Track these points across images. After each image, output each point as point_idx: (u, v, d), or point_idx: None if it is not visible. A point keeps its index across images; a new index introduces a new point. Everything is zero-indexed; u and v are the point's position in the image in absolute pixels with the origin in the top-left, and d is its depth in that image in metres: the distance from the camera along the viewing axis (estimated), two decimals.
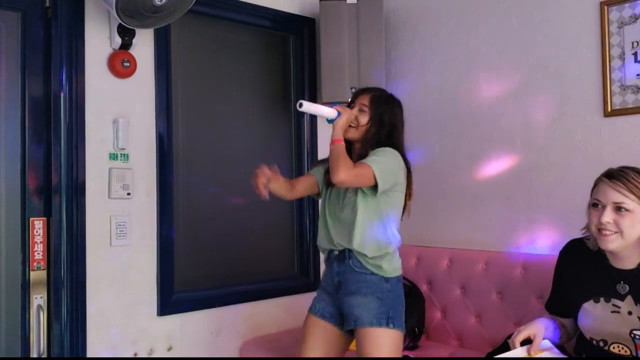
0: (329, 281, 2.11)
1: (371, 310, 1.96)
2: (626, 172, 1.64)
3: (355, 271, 2.01)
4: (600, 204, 1.65)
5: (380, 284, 2.00)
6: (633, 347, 1.64)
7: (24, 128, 2.22)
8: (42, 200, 2.23)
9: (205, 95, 2.75)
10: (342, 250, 2.05)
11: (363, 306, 1.97)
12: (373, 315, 1.95)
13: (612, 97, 2.31)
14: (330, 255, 2.11)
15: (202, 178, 2.70)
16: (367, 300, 1.98)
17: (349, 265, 2.02)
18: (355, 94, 2.17)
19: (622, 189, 1.61)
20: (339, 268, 2.06)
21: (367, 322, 1.95)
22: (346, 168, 1.93)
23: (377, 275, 2.00)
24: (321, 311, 2.11)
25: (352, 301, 2.00)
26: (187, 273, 2.61)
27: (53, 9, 2.25)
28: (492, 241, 2.62)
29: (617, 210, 1.61)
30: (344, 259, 2.04)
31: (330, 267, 2.11)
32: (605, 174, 1.67)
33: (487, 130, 2.68)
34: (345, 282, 2.03)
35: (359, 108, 2.09)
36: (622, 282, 1.67)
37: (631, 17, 2.27)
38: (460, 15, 2.80)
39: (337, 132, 2.04)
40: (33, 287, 2.20)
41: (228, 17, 2.80)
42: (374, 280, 2.00)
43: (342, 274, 2.05)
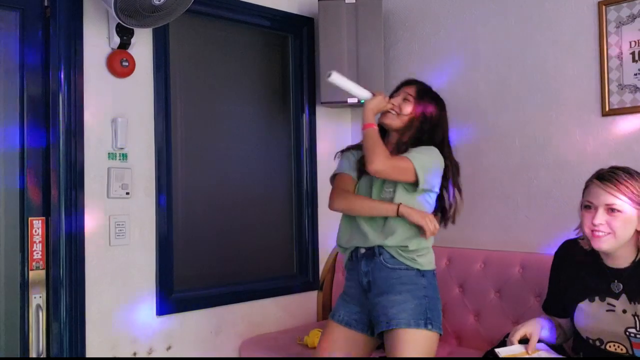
0: (354, 284, 1.97)
1: (407, 310, 1.82)
2: (617, 173, 1.65)
3: (386, 268, 1.88)
4: (592, 205, 1.66)
5: (416, 279, 1.88)
6: (629, 345, 1.65)
7: (22, 127, 2.22)
8: (41, 200, 2.23)
9: (204, 95, 2.75)
10: (371, 247, 1.91)
11: (398, 306, 1.83)
12: (410, 316, 1.81)
13: (610, 96, 2.31)
14: (356, 254, 1.96)
15: (200, 177, 2.70)
16: (402, 299, 1.83)
17: (380, 262, 1.89)
18: (401, 85, 2.09)
19: (613, 191, 1.62)
20: (367, 267, 1.91)
21: (403, 323, 1.81)
22: (384, 157, 1.82)
23: (413, 270, 1.88)
24: (346, 318, 1.97)
25: (385, 301, 1.85)
26: (186, 272, 2.61)
27: (52, 8, 2.25)
28: (491, 240, 2.63)
29: (609, 211, 1.63)
30: (374, 255, 1.90)
31: (355, 267, 1.96)
32: (596, 175, 1.68)
33: (485, 130, 2.69)
34: (376, 280, 1.89)
35: (403, 97, 2.01)
36: (616, 281, 1.68)
37: (629, 17, 2.28)
38: (459, 15, 2.81)
39: (368, 114, 1.93)
40: (32, 287, 2.19)
41: (227, 16, 2.80)
42: (409, 276, 1.87)
43: (371, 273, 1.90)
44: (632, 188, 1.62)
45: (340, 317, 1.98)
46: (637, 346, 1.64)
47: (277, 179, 3.01)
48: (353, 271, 1.98)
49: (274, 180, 3.00)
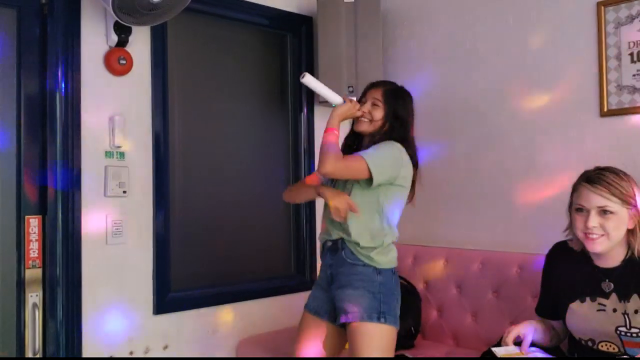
0: (322, 275, 2.08)
1: (361, 304, 1.90)
2: (605, 174, 1.66)
3: (347, 263, 1.97)
4: (584, 208, 1.67)
5: (372, 276, 1.95)
6: (620, 344, 1.66)
7: (19, 125, 2.21)
8: (38, 198, 2.22)
9: (202, 94, 2.74)
10: (335, 240, 2.01)
11: (353, 300, 1.92)
12: (363, 310, 1.90)
13: (609, 97, 2.31)
14: (325, 246, 2.07)
15: (198, 176, 2.70)
16: (357, 294, 1.92)
17: (342, 256, 1.98)
18: (367, 88, 2.13)
19: (604, 193, 1.63)
20: (331, 260, 2.02)
21: (357, 316, 1.90)
22: (334, 159, 1.89)
23: (369, 267, 1.95)
24: (315, 308, 2.07)
25: (343, 294, 1.95)
26: (183, 272, 2.60)
27: (49, 6, 2.24)
28: (488, 240, 2.63)
29: (602, 213, 1.64)
30: (337, 249, 2.00)
31: (323, 259, 2.08)
32: (585, 178, 1.69)
33: (483, 130, 2.68)
34: (337, 274, 1.99)
35: (372, 102, 2.05)
36: (607, 280, 1.69)
37: (628, 18, 2.28)
38: (457, 14, 2.80)
39: (333, 119, 2.00)
40: (28, 286, 2.18)
41: (225, 15, 2.79)
42: (365, 272, 1.94)
43: (334, 267, 2.01)
44: (621, 188, 1.63)
45: (310, 306, 2.09)
46: (628, 344, 1.65)
47: (275, 178, 3.01)
48: (323, 261, 2.10)
49: (271, 179, 2.99)
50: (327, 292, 2.05)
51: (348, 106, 2.03)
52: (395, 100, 2.06)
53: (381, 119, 2.04)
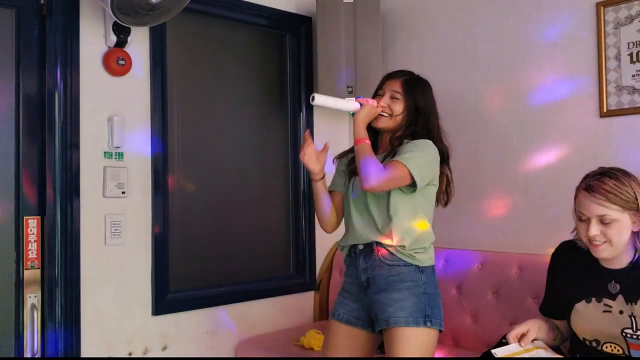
0: (352, 281, 1.95)
1: (406, 308, 1.80)
2: (604, 181, 1.62)
3: (385, 264, 1.85)
4: (584, 216, 1.66)
5: (415, 276, 1.85)
6: (625, 346, 1.65)
7: (18, 126, 2.20)
8: (36, 199, 2.21)
9: (201, 94, 2.73)
10: (368, 243, 1.89)
11: (396, 304, 1.81)
12: (408, 314, 1.79)
13: (608, 97, 2.31)
14: (353, 251, 1.94)
15: (197, 176, 2.69)
16: (401, 297, 1.81)
17: (378, 258, 1.86)
18: (383, 80, 2.03)
19: (603, 201, 1.60)
20: (365, 264, 1.89)
21: (402, 321, 1.78)
22: (376, 174, 1.77)
23: (411, 266, 1.85)
24: (346, 316, 1.95)
25: (384, 299, 1.83)
26: (182, 272, 2.60)
27: (48, 7, 2.24)
28: (488, 241, 2.62)
29: (602, 221, 1.62)
30: (372, 252, 1.88)
31: (354, 264, 1.94)
32: (585, 185, 1.66)
33: (483, 130, 2.68)
34: (375, 278, 1.87)
35: (390, 95, 1.95)
36: (613, 281, 1.68)
37: (627, 18, 2.28)
38: (457, 14, 2.80)
39: (359, 128, 1.88)
40: (27, 286, 2.18)
41: (224, 15, 2.79)
42: (407, 272, 1.84)
43: (370, 270, 1.88)
44: (621, 194, 1.60)
45: (341, 315, 1.97)
46: (633, 347, 1.64)
47: (274, 179, 3.00)
48: (352, 267, 1.96)
49: (270, 179, 2.99)
50: (360, 299, 1.93)
51: (367, 109, 1.91)
52: (415, 91, 1.95)
53: (402, 113, 1.93)
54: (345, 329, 1.95)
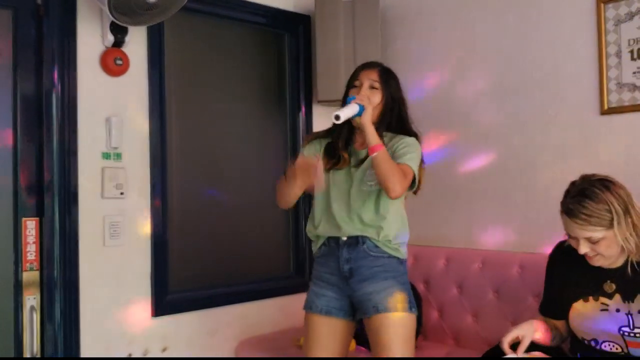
0: (333, 271, 1.95)
1: (392, 295, 1.87)
2: (582, 204, 1.59)
3: (370, 256, 1.90)
4: (572, 236, 1.66)
5: (398, 267, 1.92)
6: (623, 344, 1.65)
7: (15, 127, 2.20)
8: (35, 201, 2.20)
9: (199, 94, 2.72)
10: (355, 236, 1.92)
11: (383, 292, 1.87)
12: (397, 300, 1.87)
13: (609, 95, 2.30)
14: (334, 242, 1.95)
15: (196, 177, 2.68)
16: (387, 285, 1.88)
17: (363, 250, 1.91)
18: (358, 70, 2.01)
19: (584, 225, 1.60)
20: (349, 254, 1.92)
21: (390, 307, 1.86)
22: (400, 180, 1.79)
23: (394, 258, 1.92)
24: (326, 307, 1.96)
25: (370, 287, 1.88)
26: (182, 273, 2.59)
27: (45, 7, 2.23)
28: (489, 240, 2.62)
29: (590, 241, 1.62)
30: (357, 244, 1.91)
31: (335, 254, 1.95)
32: (565, 209, 1.64)
33: (483, 128, 2.67)
34: (359, 268, 1.90)
35: (369, 85, 1.93)
36: (609, 281, 1.68)
37: (627, 15, 2.26)
38: (456, 12, 2.79)
39: (372, 134, 1.82)
40: (26, 288, 2.18)
41: (222, 14, 2.78)
42: (391, 264, 1.91)
43: (353, 261, 1.91)
44: (601, 216, 1.58)
45: (319, 307, 1.97)
46: (631, 345, 1.64)
47: (273, 178, 2.95)
48: (331, 257, 1.96)
49: (270, 179, 2.96)
50: (340, 288, 1.95)
51: (369, 110, 1.85)
52: (390, 81, 1.96)
53: (379, 103, 1.93)
54: (325, 320, 1.96)
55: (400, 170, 1.82)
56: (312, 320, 1.99)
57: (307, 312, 2.01)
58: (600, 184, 1.62)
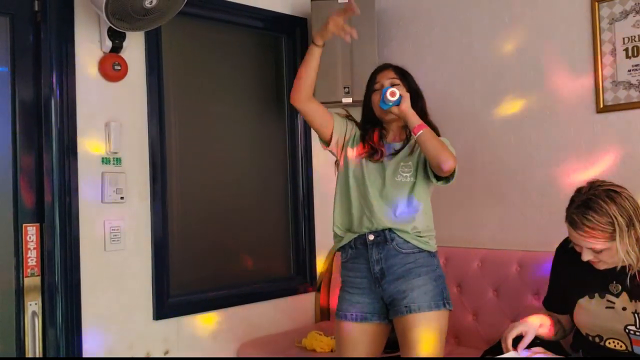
0: (362, 275, 1.92)
1: (428, 292, 1.84)
2: (586, 216, 1.59)
3: (401, 253, 1.87)
4: (575, 244, 1.67)
5: (430, 261, 1.90)
6: (628, 342, 1.66)
7: (14, 133, 2.20)
8: (35, 206, 2.21)
9: (198, 97, 2.73)
10: (381, 231, 1.88)
11: (418, 289, 1.84)
12: (430, 298, 1.84)
13: (605, 93, 2.31)
14: (362, 243, 1.91)
15: (195, 180, 2.69)
16: (421, 282, 1.85)
17: (393, 248, 1.88)
18: (374, 74, 2.03)
19: (587, 237, 1.60)
20: (379, 255, 1.88)
21: (425, 306, 1.82)
22: (451, 153, 1.80)
23: (425, 252, 1.90)
24: (360, 315, 1.91)
25: (404, 285, 1.85)
26: (183, 276, 2.60)
27: (42, 13, 2.23)
28: (487, 239, 2.62)
29: (594, 250, 1.63)
30: (385, 242, 1.88)
31: (362, 255, 1.91)
32: (569, 220, 1.64)
33: (480, 128, 2.68)
34: (390, 268, 1.87)
35: (390, 83, 1.94)
36: (615, 281, 1.68)
37: (622, 13, 2.28)
38: (452, 12, 2.80)
39: (414, 115, 1.85)
40: (27, 294, 2.18)
41: (219, 18, 2.79)
42: (423, 258, 1.89)
43: (384, 260, 1.88)
44: (604, 228, 1.58)
45: (354, 315, 1.92)
46: (636, 343, 1.64)
47: (273, 181, 3.00)
48: (359, 259, 1.93)
49: (269, 181, 2.99)
50: (372, 291, 1.91)
51: (406, 96, 1.87)
52: (407, 76, 2.00)
53: None
54: (359, 327, 1.92)
55: (448, 148, 1.85)
56: (344, 329, 1.94)
57: (340, 320, 1.95)
58: (606, 194, 1.60)
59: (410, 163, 1.94)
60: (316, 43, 1.94)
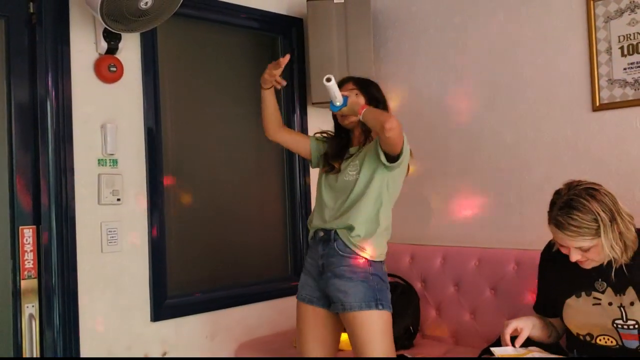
0: (313, 263, 2.08)
1: (357, 293, 1.93)
2: (570, 216, 1.59)
3: (339, 254, 1.99)
4: (562, 245, 1.67)
5: (365, 267, 1.98)
6: (618, 337, 1.67)
7: (10, 135, 2.20)
8: (31, 209, 2.21)
9: (194, 98, 2.73)
10: (328, 231, 2.02)
11: (349, 290, 1.94)
12: (361, 299, 1.93)
13: (600, 91, 2.32)
14: (316, 236, 2.08)
15: (192, 181, 2.69)
16: (353, 284, 1.95)
17: (334, 247, 2.00)
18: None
19: (574, 235, 1.61)
20: (323, 250, 2.03)
21: (355, 305, 1.93)
22: (393, 118, 1.85)
23: (362, 258, 1.98)
24: (309, 297, 2.08)
25: (338, 284, 1.97)
26: (180, 277, 2.60)
27: (37, 15, 2.23)
28: (484, 238, 2.63)
29: (581, 249, 1.63)
30: (329, 241, 2.01)
31: (314, 248, 2.08)
32: (554, 222, 1.64)
33: (476, 127, 2.69)
34: (330, 265, 2.00)
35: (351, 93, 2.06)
36: (600, 279, 1.69)
37: (617, 12, 2.28)
38: (448, 12, 2.80)
39: (356, 103, 1.97)
40: (24, 296, 2.18)
41: (215, 19, 2.79)
42: (358, 264, 1.97)
43: (326, 257, 2.02)
44: (589, 226, 1.59)
45: (303, 296, 2.10)
46: (625, 337, 1.65)
47: (270, 181, 3.00)
48: (313, 249, 2.09)
49: (266, 182, 2.99)
50: (316, 280, 2.06)
51: (353, 94, 2.03)
52: (368, 86, 2.12)
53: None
54: (310, 309, 2.07)
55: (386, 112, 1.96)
56: (299, 308, 2.11)
57: (297, 300, 2.13)
58: (586, 193, 1.62)
59: (357, 162, 2.04)
60: (263, 87, 2.17)
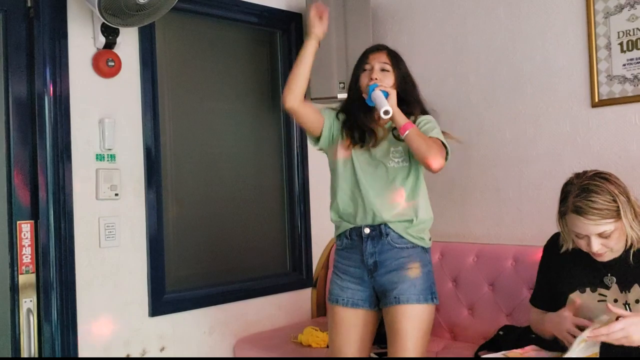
0: (357, 264, 1.95)
1: (417, 286, 1.88)
2: (592, 200, 1.58)
3: (395, 248, 1.90)
4: (582, 235, 1.65)
5: (422, 256, 1.93)
6: None
7: (8, 130, 2.19)
8: (29, 203, 2.20)
9: (192, 94, 2.72)
10: (376, 226, 1.91)
11: (408, 282, 1.88)
12: (419, 291, 1.88)
13: (599, 87, 2.31)
14: (357, 235, 1.93)
15: (190, 176, 2.68)
16: (412, 275, 1.89)
17: (387, 242, 1.90)
18: (367, 53, 1.99)
19: (598, 220, 1.59)
20: (374, 248, 1.91)
21: (413, 299, 1.86)
22: (439, 151, 1.79)
23: (418, 247, 1.93)
24: (352, 300, 1.96)
25: (395, 277, 1.89)
26: (178, 272, 2.60)
27: (35, 9, 2.22)
28: (483, 233, 2.63)
29: (602, 236, 1.62)
30: (381, 236, 1.91)
31: (354, 249, 1.95)
32: (573, 208, 1.61)
33: (475, 123, 2.68)
34: (384, 261, 1.91)
35: (380, 67, 1.92)
36: (609, 274, 1.68)
37: (617, 7, 2.27)
38: (447, 7, 2.79)
39: (399, 114, 1.83)
40: (22, 291, 2.17)
41: (213, 13, 2.77)
42: (416, 253, 1.92)
43: (378, 254, 1.91)
44: (612, 206, 1.58)
45: (345, 300, 1.97)
46: None
47: (269, 177, 3.00)
48: (354, 250, 1.96)
49: (265, 177, 2.99)
50: (365, 281, 1.95)
51: (394, 93, 1.86)
52: (400, 62, 1.96)
53: (392, 86, 1.91)
54: (351, 312, 1.96)
55: (435, 143, 1.84)
56: (336, 312, 1.98)
57: (332, 304, 2.00)
58: (598, 177, 1.63)
59: (400, 148, 1.92)
60: (311, 39, 1.96)
